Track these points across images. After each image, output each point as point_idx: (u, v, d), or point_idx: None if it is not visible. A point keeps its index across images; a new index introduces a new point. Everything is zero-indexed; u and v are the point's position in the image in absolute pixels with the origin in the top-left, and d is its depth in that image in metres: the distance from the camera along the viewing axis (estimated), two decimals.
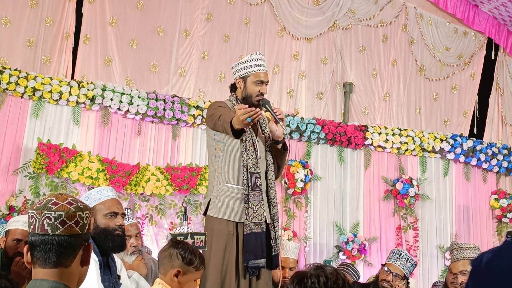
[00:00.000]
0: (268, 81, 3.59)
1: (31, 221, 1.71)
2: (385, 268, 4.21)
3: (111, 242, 2.94)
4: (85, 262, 1.75)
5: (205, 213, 3.58)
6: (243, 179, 3.40)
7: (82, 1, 6.54)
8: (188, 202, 6.48)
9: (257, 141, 3.51)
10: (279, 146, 3.55)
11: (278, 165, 3.60)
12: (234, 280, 3.37)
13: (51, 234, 1.67)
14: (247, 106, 3.12)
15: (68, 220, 1.69)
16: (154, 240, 6.31)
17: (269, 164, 3.55)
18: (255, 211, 3.35)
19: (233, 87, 3.67)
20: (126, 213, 3.53)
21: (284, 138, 3.51)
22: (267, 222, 3.46)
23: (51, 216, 1.68)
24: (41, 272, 1.69)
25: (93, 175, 6.07)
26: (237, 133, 3.26)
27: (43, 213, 1.69)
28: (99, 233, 2.93)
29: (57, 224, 1.68)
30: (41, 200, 1.75)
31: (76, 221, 1.70)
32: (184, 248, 2.89)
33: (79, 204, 1.74)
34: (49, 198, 1.73)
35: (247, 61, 3.55)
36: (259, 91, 3.51)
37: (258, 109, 3.09)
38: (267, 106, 3.46)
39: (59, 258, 1.68)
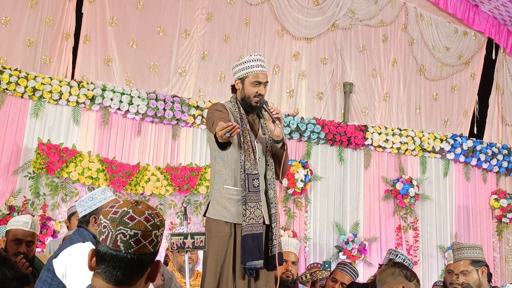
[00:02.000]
0: (266, 82, 3.56)
1: (103, 230, 1.59)
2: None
3: None
4: (151, 278, 1.64)
5: (205, 214, 3.58)
6: (241, 181, 3.40)
7: (82, 1, 6.54)
8: (188, 202, 6.48)
9: (256, 142, 3.50)
10: (279, 145, 3.54)
11: (279, 165, 3.59)
12: (231, 282, 3.37)
13: (123, 251, 1.55)
14: (230, 123, 3.15)
15: (143, 240, 1.57)
16: None
17: (268, 165, 3.54)
18: (252, 212, 3.34)
19: (234, 88, 3.66)
20: None
21: (283, 137, 3.50)
22: (266, 223, 3.44)
23: (126, 233, 1.56)
24: (101, 285, 1.59)
25: (93, 175, 6.07)
26: (223, 145, 3.29)
27: (118, 228, 1.56)
28: None
29: (131, 243, 1.55)
30: (115, 208, 1.60)
31: (150, 240, 1.58)
32: (404, 267, 3.27)
33: (155, 221, 1.60)
34: (126, 209, 1.59)
35: (245, 62, 3.53)
36: (256, 92, 3.50)
37: (235, 124, 3.11)
38: (264, 106, 3.46)
39: (126, 277, 1.58)
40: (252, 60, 3.52)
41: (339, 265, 4.77)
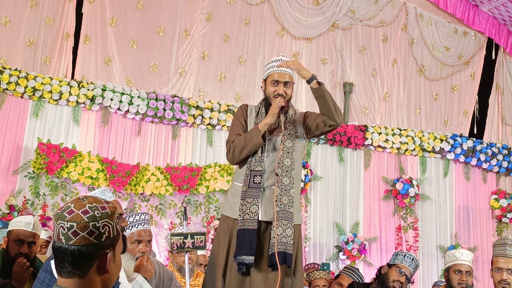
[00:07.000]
0: (286, 82, 3.50)
1: (53, 227, 1.70)
2: (399, 270, 4.17)
3: (123, 244, 2.96)
4: (102, 270, 1.68)
5: None
6: (244, 177, 3.43)
7: (82, 1, 6.54)
8: (188, 202, 6.48)
9: (269, 140, 3.49)
10: (314, 85, 3.38)
11: (325, 106, 3.39)
12: (220, 275, 3.39)
13: (64, 244, 1.64)
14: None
15: (80, 231, 1.64)
16: (154, 240, 6.31)
17: (279, 163, 3.53)
18: (248, 208, 3.35)
19: None
20: (143, 218, 3.61)
21: (311, 77, 3.37)
22: (261, 219, 3.41)
23: (64, 226, 1.64)
24: (59, 280, 1.68)
25: (93, 175, 6.07)
26: (263, 137, 3.40)
27: (58, 222, 1.65)
28: None
29: (70, 235, 1.64)
30: (63, 205, 1.71)
31: (89, 231, 1.64)
32: None
33: (95, 213, 1.66)
34: (68, 204, 1.68)
35: (269, 63, 3.58)
36: (275, 91, 3.50)
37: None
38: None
39: (74, 268, 1.65)
40: (274, 61, 3.54)
41: (347, 270, 4.74)
